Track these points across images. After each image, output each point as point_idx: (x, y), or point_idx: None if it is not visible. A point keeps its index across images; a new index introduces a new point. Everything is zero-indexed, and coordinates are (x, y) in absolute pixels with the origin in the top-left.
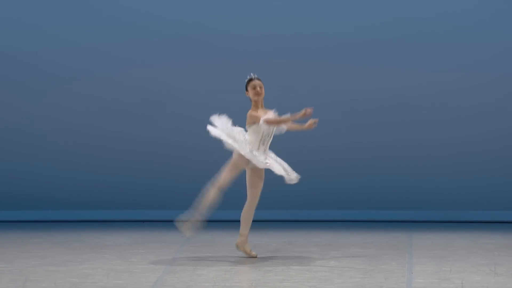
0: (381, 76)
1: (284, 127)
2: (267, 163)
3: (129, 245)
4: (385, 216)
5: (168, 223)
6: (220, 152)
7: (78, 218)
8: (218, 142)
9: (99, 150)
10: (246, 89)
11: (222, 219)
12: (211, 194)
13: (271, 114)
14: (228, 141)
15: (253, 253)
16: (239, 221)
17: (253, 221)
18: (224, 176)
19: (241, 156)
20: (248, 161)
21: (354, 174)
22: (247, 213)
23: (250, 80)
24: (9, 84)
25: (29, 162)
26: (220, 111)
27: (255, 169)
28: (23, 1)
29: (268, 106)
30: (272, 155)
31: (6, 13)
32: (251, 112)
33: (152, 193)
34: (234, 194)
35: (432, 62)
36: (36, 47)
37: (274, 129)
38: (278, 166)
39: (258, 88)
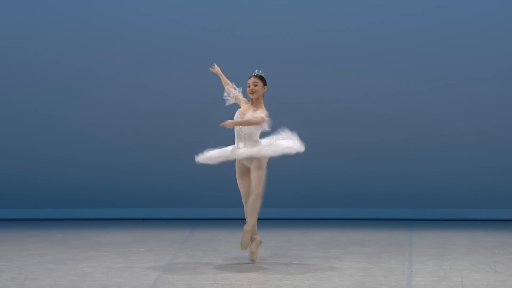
0: (378, 74)
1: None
2: (237, 155)
3: (129, 243)
4: (384, 214)
5: (168, 221)
6: None
7: (78, 216)
8: (218, 141)
9: (99, 148)
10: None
11: (222, 217)
12: (248, 202)
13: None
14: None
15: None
16: (239, 219)
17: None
18: (239, 184)
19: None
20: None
21: (354, 172)
22: None
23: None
24: (9, 82)
25: (29, 160)
26: (219, 110)
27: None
28: (29, 4)
29: (265, 104)
30: (265, 142)
31: (17, 14)
32: (241, 101)
33: (152, 191)
34: (234, 193)
35: (426, 57)
36: (40, 47)
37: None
38: (248, 150)
39: (252, 86)
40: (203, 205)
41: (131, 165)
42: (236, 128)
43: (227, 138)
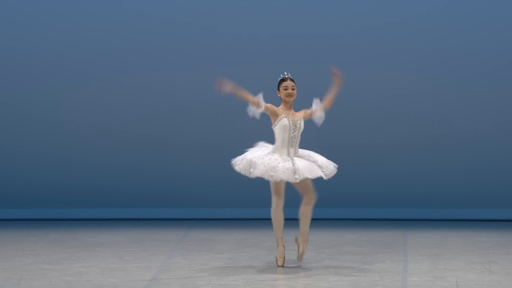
0: (372, 76)
1: (323, 113)
2: (272, 176)
3: (124, 243)
4: (380, 215)
5: (163, 222)
6: (216, 150)
7: (73, 216)
8: (214, 141)
9: (94, 149)
10: (278, 89)
11: (217, 218)
12: (277, 217)
13: (317, 106)
14: (252, 173)
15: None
16: (234, 219)
17: (249, 219)
18: (279, 201)
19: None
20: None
21: (349, 172)
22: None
23: (283, 79)
24: (8, 82)
25: (24, 161)
26: (217, 110)
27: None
28: (24, 3)
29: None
30: (306, 153)
31: (10, 14)
32: (273, 107)
33: (148, 192)
34: (229, 193)
35: (423, 58)
36: (41, 49)
37: (301, 128)
38: (307, 169)
39: (290, 90)
40: (199, 205)
41: (126, 166)
42: (290, 134)
43: (226, 138)
